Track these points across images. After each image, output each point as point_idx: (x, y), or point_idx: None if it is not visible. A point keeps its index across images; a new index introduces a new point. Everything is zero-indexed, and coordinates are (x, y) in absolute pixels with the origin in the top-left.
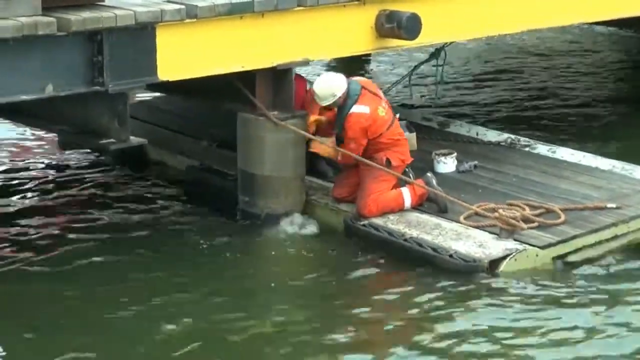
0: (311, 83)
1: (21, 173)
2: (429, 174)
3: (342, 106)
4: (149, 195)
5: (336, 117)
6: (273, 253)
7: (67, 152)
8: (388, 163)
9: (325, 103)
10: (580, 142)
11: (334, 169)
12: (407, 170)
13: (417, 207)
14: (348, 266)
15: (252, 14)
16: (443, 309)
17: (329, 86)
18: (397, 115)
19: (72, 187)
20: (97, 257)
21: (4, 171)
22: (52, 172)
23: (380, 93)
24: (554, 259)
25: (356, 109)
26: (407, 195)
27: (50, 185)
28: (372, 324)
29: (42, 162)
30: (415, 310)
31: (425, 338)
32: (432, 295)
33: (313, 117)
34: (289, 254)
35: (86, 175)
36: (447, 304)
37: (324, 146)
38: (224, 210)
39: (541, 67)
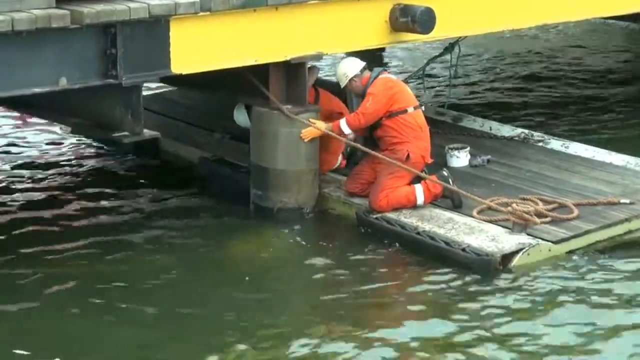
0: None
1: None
2: (444, 172)
3: (363, 90)
4: (160, 186)
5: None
6: (285, 245)
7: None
8: (407, 158)
9: (341, 84)
10: (593, 138)
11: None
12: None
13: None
14: (360, 259)
15: (266, 8)
16: (454, 302)
17: (341, 67)
18: (423, 107)
19: (80, 178)
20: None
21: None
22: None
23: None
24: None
25: (382, 76)
26: (419, 193)
27: (58, 177)
28: (381, 316)
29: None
30: (425, 303)
31: (435, 330)
32: (443, 289)
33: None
34: (299, 246)
35: (96, 165)
36: (459, 298)
37: (311, 129)
38: (237, 203)
39: (555, 62)
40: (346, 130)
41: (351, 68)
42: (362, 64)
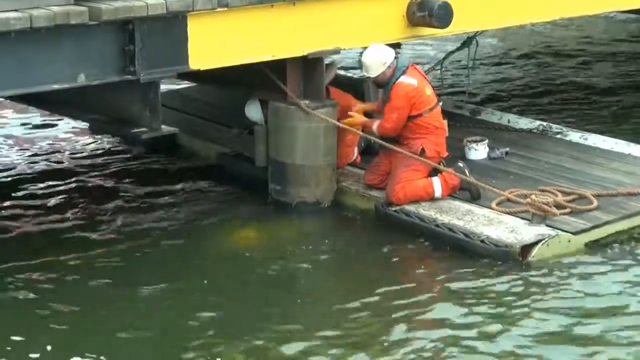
0: None
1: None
2: (460, 164)
3: (387, 81)
4: (179, 182)
5: (382, 94)
6: (303, 239)
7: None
8: (422, 152)
9: (374, 74)
10: (612, 129)
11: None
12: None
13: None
14: (378, 251)
15: (284, 3)
16: (475, 293)
17: (379, 54)
18: (441, 103)
19: (98, 174)
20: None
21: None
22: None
23: (427, 77)
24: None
25: (403, 79)
26: (437, 185)
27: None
28: (399, 309)
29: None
30: (446, 296)
31: (457, 322)
32: (464, 280)
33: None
34: (318, 240)
35: (115, 162)
36: (479, 289)
37: (356, 116)
38: (255, 198)
39: (571, 55)
40: (377, 134)
41: (388, 55)
42: (392, 49)
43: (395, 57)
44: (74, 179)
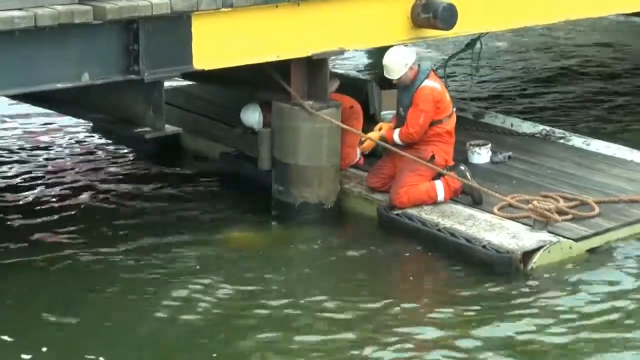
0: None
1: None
2: (462, 167)
3: (410, 84)
4: (180, 180)
5: (400, 97)
6: (304, 240)
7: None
8: (432, 159)
9: (396, 75)
10: (614, 135)
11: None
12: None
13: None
14: (379, 255)
15: (288, 3)
16: (474, 298)
17: (402, 56)
18: (454, 110)
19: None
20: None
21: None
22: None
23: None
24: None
25: (428, 82)
26: (440, 189)
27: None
28: (399, 313)
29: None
30: (444, 300)
31: (456, 328)
32: (464, 284)
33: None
34: (320, 242)
35: (114, 161)
36: (478, 294)
37: (373, 136)
38: (257, 197)
39: (574, 59)
40: (398, 142)
41: (410, 56)
42: (414, 50)
43: (417, 62)
44: (69, 178)
